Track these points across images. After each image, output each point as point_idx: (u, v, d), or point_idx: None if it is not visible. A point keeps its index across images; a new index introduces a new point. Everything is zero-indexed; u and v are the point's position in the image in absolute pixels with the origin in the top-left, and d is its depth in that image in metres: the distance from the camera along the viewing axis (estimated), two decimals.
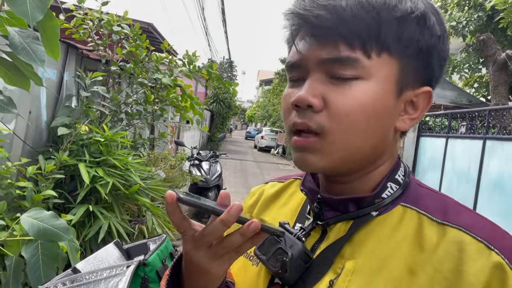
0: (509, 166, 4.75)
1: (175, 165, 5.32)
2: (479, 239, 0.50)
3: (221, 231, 0.49)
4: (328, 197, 0.59)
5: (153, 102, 4.07)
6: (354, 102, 0.51)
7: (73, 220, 2.43)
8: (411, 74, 0.53)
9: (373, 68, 0.51)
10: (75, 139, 2.83)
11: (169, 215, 0.51)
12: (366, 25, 0.49)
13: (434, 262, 0.50)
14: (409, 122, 0.56)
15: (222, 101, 19.41)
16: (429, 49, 0.53)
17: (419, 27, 0.52)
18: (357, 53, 0.50)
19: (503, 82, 7.06)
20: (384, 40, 0.50)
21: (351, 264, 0.54)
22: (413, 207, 0.57)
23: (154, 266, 1.29)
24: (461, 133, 6.21)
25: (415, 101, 0.56)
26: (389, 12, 0.50)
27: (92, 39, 3.51)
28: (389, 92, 0.53)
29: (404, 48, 0.52)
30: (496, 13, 7.90)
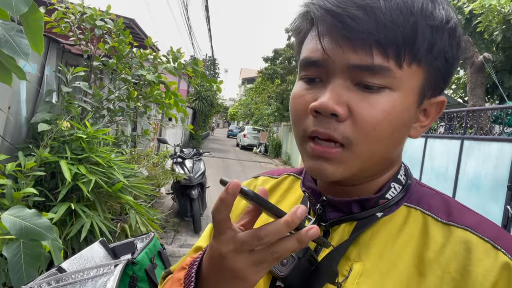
0: (485, 165, 4.90)
1: (158, 162, 5.26)
2: (486, 239, 0.50)
3: (283, 233, 0.44)
4: (335, 200, 0.57)
5: (136, 98, 4.01)
6: (381, 114, 0.48)
7: (55, 219, 2.37)
8: (432, 84, 0.52)
9: (402, 79, 0.48)
10: (56, 136, 2.75)
11: (220, 207, 0.45)
12: (403, 33, 0.46)
13: (442, 263, 0.50)
14: (420, 130, 0.55)
15: (204, 99, 19.27)
16: (454, 61, 0.52)
17: (449, 38, 0.50)
18: (390, 63, 0.47)
19: (480, 84, 7.27)
20: (417, 50, 0.47)
21: (359, 266, 0.53)
22: (417, 207, 0.57)
23: (142, 264, 1.28)
24: (439, 133, 6.36)
25: (428, 109, 0.55)
26: (426, 19, 0.47)
27: (74, 33, 3.42)
28: (413, 103, 0.51)
29: (433, 59, 0.50)
30: (474, 17, 8.13)
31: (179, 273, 0.55)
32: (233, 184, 0.43)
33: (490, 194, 4.66)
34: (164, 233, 5.09)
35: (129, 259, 1.24)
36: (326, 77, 0.50)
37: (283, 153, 17.77)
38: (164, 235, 4.99)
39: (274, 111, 19.54)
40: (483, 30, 7.79)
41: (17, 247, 1.49)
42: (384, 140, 0.50)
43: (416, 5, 0.47)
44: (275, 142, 19.00)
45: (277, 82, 18.66)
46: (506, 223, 4.04)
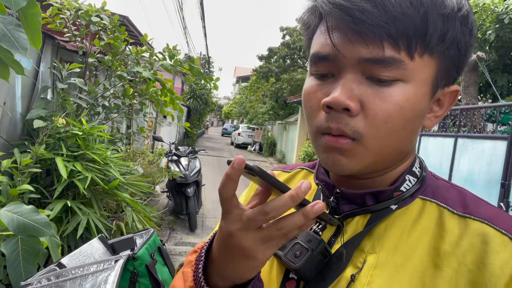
0: (478, 163, 4.95)
1: (153, 160, 5.24)
2: (503, 231, 0.50)
3: (287, 208, 0.44)
4: (349, 192, 0.57)
5: (131, 96, 3.99)
6: (394, 108, 0.48)
7: (51, 216, 2.36)
8: (445, 74, 0.52)
9: (414, 70, 0.48)
10: (51, 132, 2.73)
11: (226, 183, 0.45)
12: (414, 24, 0.46)
13: (458, 255, 0.50)
14: (434, 120, 0.55)
15: (199, 97, 19.23)
16: (467, 49, 0.51)
17: (461, 26, 0.49)
18: (401, 54, 0.47)
19: (473, 82, 7.33)
20: (429, 40, 0.47)
21: (373, 258, 0.53)
22: (433, 200, 0.56)
23: (143, 260, 1.27)
24: (434, 131, 6.41)
25: (441, 99, 0.55)
26: (437, 8, 0.46)
27: (69, 30, 3.39)
28: (426, 94, 0.51)
29: (446, 48, 0.49)
30: None
31: (191, 256, 0.55)
32: (238, 159, 0.43)
33: (483, 192, 4.71)
34: (160, 231, 5.08)
35: (129, 254, 1.24)
36: (337, 71, 0.50)
37: (278, 152, 17.79)
38: (160, 233, 4.97)
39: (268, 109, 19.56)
40: (477, 29, 7.86)
41: (15, 243, 1.48)
42: (397, 133, 0.50)
43: (453, 6, 0.47)
44: (269, 141, 19.01)
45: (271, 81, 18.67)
46: None
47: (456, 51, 0.50)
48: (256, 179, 0.46)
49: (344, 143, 0.50)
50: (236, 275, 0.49)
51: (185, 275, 0.53)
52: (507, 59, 9.04)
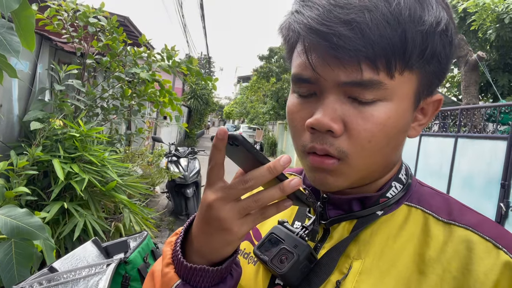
0: (478, 163, 4.93)
1: (153, 161, 5.24)
2: (487, 238, 0.50)
3: (266, 178, 0.45)
4: (335, 197, 0.57)
5: (130, 97, 3.98)
6: (376, 127, 0.48)
7: (47, 218, 2.35)
8: (427, 86, 0.52)
9: (395, 88, 0.48)
10: (48, 134, 2.73)
11: (213, 152, 0.46)
12: (392, 44, 0.45)
13: (443, 262, 0.50)
14: (418, 129, 0.55)
15: (199, 97, 19.23)
16: (447, 60, 0.51)
17: (441, 39, 0.48)
18: (380, 75, 0.46)
19: (474, 82, 7.31)
20: (408, 58, 0.46)
21: (358, 264, 0.53)
22: (418, 206, 0.57)
23: (135, 264, 1.27)
24: (434, 132, 6.39)
25: (425, 108, 0.55)
26: (415, 26, 0.46)
27: (67, 31, 3.39)
28: (409, 108, 0.51)
29: (426, 63, 0.49)
30: (468, 16, 8.17)
31: (172, 237, 0.56)
32: (221, 129, 0.45)
33: (483, 192, 4.69)
34: (159, 232, 5.07)
35: (121, 258, 1.23)
36: (319, 91, 0.50)
37: (279, 152, 17.78)
38: (159, 234, 4.97)
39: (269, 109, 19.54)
40: (477, 29, 7.83)
41: (8, 246, 1.48)
42: (381, 150, 0.51)
43: (403, 13, 0.45)
44: (270, 141, 19.00)
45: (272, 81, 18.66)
46: (499, 220, 4.07)
47: (437, 64, 0.50)
48: (239, 154, 0.46)
49: (329, 163, 0.50)
50: (212, 250, 0.49)
51: (164, 254, 0.54)
52: (508, 59, 9.01)
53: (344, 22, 0.44)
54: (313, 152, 0.51)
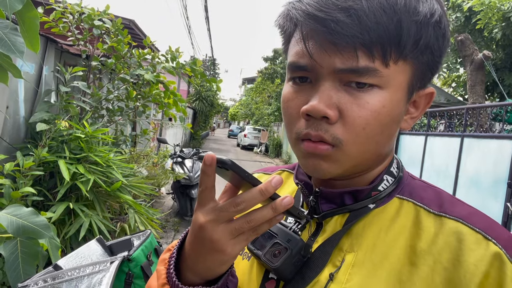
0: (485, 163, 4.89)
1: (158, 162, 5.26)
2: (477, 229, 0.51)
3: (257, 201, 0.45)
4: (328, 191, 0.57)
5: (135, 98, 4.01)
6: (371, 114, 0.49)
7: (53, 218, 2.38)
8: (420, 78, 0.52)
9: (390, 77, 0.49)
10: (54, 135, 2.76)
11: (202, 177, 0.47)
12: (387, 32, 0.46)
13: (434, 253, 0.51)
14: (410, 122, 0.56)
15: (204, 99, 19.29)
16: (441, 52, 0.52)
17: (434, 31, 0.49)
18: (375, 63, 0.47)
19: (480, 81, 7.26)
20: (403, 47, 0.47)
21: (351, 257, 0.54)
22: (409, 199, 0.57)
23: (138, 261, 1.28)
24: (439, 131, 6.35)
25: (417, 101, 0.56)
26: (410, 16, 0.47)
27: (72, 33, 3.43)
28: (402, 98, 0.52)
29: (420, 54, 0.49)
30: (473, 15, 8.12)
31: (165, 254, 0.56)
32: (207, 156, 0.45)
33: (490, 192, 4.65)
34: (164, 232, 5.09)
35: (124, 256, 1.24)
36: (315, 79, 0.51)
37: (284, 153, 17.77)
38: (164, 235, 4.99)
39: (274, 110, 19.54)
40: (483, 28, 7.78)
41: (14, 245, 1.50)
42: (374, 138, 0.51)
43: (399, 2, 0.46)
44: (275, 142, 19.00)
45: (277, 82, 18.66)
46: (506, 220, 4.04)
47: (430, 55, 0.51)
48: (229, 174, 0.47)
49: (323, 149, 0.51)
50: (207, 269, 0.50)
51: (158, 273, 0.54)
52: None
53: (341, 9, 0.46)
54: (307, 138, 0.51)
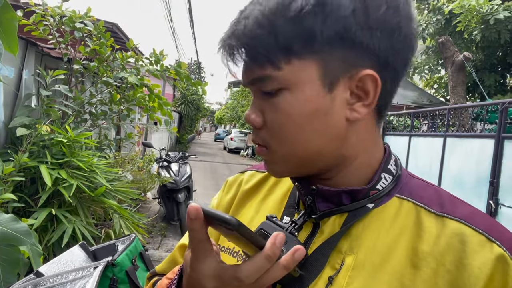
0: (467, 162, 4.99)
1: (143, 167, 5.20)
2: (480, 231, 0.50)
3: (265, 269, 0.44)
4: (325, 189, 0.55)
5: (119, 102, 3.95)
6: (282, 116, 0.51)
7: (35, 225, 2.32)
8: (339, 63, 0.49)
9: (289, 76, 0.49)
10: (35, 140, 2.70)
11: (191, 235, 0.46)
12: (264, 42, 0.48)
13: (436, 255, 0.49)
14: (363, 109, 0.52)
15: (190, 102, 19.19)
16: (342, 32, 0.47)
17: (317, 18, 0.47)
18: (267, 70, 0.49)
19: (461, 82, 7.41)
20: (285, 47, 0.48)
21: (351, 259, 0.52)
22: (409, 199, 0.56)
23: (123, 266, 1.25)
24: (423, 132, 6.46)
25: (361, 86, 0.51)
26: (284, 16, 0.47)
27: (53, 37, 3.37)
28: (316, 92, 0.50)
29: (310, 45, 0.48)
30: (454, 17, 8.30)
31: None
32: (191, 208, 0.44)
33: (473, 190, 4.74)
34: (151, 238, 5.03)
35: (108, 260, 1.21)
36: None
37: None
38: (151, 240, 4.92)
39: None
40: (463, 30, 7.96)
41: None
42: (296, 137, 0.52)
43: (272, 8, 0.48)
44: None
45: None
46: None
47: (326, 41, 0.48)
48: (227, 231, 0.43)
49: (262, 151, 0.55)
50: None
51: None
52: (493, 59, 9.17)
53: (231, 35, 0.51)
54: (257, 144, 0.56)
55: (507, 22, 7.30)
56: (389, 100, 0.55)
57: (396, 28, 0.49)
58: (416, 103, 10.41)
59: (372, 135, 0.56)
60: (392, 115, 7.53)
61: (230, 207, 0.72)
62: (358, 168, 0.56)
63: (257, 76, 0.51)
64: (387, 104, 0.55)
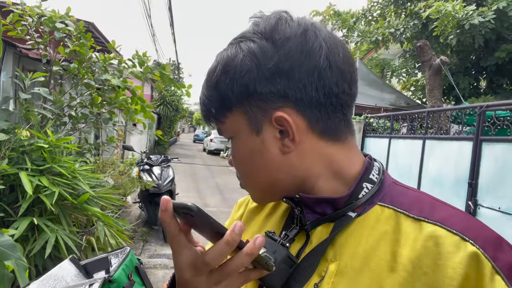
0: (446, 163, 5.11)
1: (124, 171, 5.08)
2: (454, 231, 0.51)
3: (227, 254, 0.48)
4: (305, 197, 0.60)
5: (100, 104, 3.84)
6: (234, 157, 0.64)
7: (16, 235, 2.21)
8: (258, 111, 0.58)
9: (230, 127, 0.62)
10: (14, 146, 2.58)
11: (165, 227, 0.50)
12: (206, 105, 0.62)
13: (413, 259, 0.51)
14: (291, 144, 0.58)
15: (169, 103, 18.94)
16: (246, 87, 0.57)
17: (226, 81, 0.58)
18: (218, 124, 0.63)
19: (438, 85, 7.61)
20: (217, 107, 0.61)
21: (334, 266, 0.55)
22: (390, 206, 0.58)
23: (120, 282, 1.19)
24: (402, 134, 6.58)
25: (281, 125, 0.58)
26: (209, 85, 0.61)
27: (31, 37, 3.23)
28: (248, 136, 0.60)
29: (231, 102, 0.59)
30: (430, 22, 8.51)
31: None
32: (163, 199, 0.49)
33: (452, 191, 4.86)
34: (133, 243, 4.91)
35: (105, 277, 1.15)
36: None
37: None
38: (133, 246, 4.81)
39: None
40: (439, 34, 8.17)
41: None
42: (247, 174, 0.63)
43: (206, 78, 0.62)
44: None
45: None
46: None
47: (236, 96, 0.58)
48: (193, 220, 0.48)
49: (240, 185, 0.68)
50: None
51: None
52: (468, 63, 9.47)
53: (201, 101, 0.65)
54: None
55: (481, 27, 7.54)
56: (332, 123, 0.59)
57: (291, 71, 0.56)
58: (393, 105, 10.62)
59: (325, 156, 0.60)
60: (372, 117, 7.65)
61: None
62: (327, 182, 0.60)
63: (217, 128, 0.64)
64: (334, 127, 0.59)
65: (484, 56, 9.11)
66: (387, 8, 10.71)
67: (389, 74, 12.59)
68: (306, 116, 0.57)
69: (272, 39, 0.57)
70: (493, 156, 4.27)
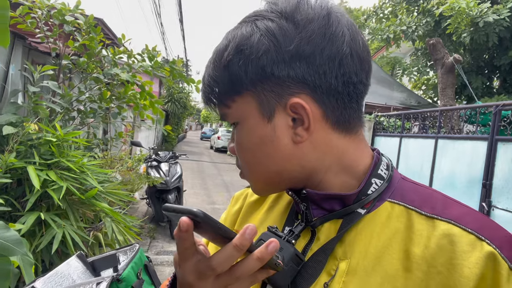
0: (459, 163, 5.00)
1: (132, 166, 5.05)
2: (469, 230, 0.50)
3: (235, 258, 0.46)
4: (313, 193, 0.58)
5: (109, 99, 3.80)
6: (238, 145, 0.60)
7: (23, 230, 2.18)
8: (271, 95, 0.55)
9: (237, 112, 0.58)
10: (22, 139, 2.54)
11: (180, 243, 0.47)
12: (212, 88, 0.58)
13: (427, 257, 0.50)
14: (304, 133, 0.55)
15: (177, 101, 18.95)
16: (262, 70, 0.53)
17: (239, 62, 0.54)
18: (222, 109, 0.59)
19: (451, 84, 7.47)
20: (226, 90, 0.56)
21: (345, 265, 0.54)
22: (401, 203, 0.56)
23: (129, 281, 1.14)
24: (414, 133, 6.47)
25: (296, 112, 0.55)
26: (219, 66, 0.57)
27: (41, 30, 3.20)
28: (258, 122, 0.56)
29: (242, 85, 0.55)
30: (443, 19, 8.36)
31: None
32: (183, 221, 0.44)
33: (465, 192, 4.75)
34: (141, 240, 4.89)
35: (113, 276, 1.11)
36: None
37: None
38: (140, 242, 4.78)
39: None
40: (452, 32, 8.03)
41: None
42: (252, 162, 0.59)
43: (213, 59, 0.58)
44: None
45: None
46: None
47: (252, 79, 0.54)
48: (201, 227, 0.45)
49: (240, 174, 0.64)
50: None
51: None
52: (481, 61, 9.30)
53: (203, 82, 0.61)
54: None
55: (496, 25, 7.38)
56: (346, 114, 0.56)
57: (312, 55, 0.52)
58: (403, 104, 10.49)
59: (336, 149, 0.57)
60: (383, 116, 7.54)
61: (237, 218, 0.76)
62: (336, 176, 0.58)
63: (220, 113, 0.61)
64: (348, 118, 0.57)
65: (497, 55, 8.94)
66: (398, 6, 10.56)
67: (399, 73, 12.44)
68: (322, 104, 0.54)
69: (293, 20, 0.54)
70: (509, 156, 4.15)
